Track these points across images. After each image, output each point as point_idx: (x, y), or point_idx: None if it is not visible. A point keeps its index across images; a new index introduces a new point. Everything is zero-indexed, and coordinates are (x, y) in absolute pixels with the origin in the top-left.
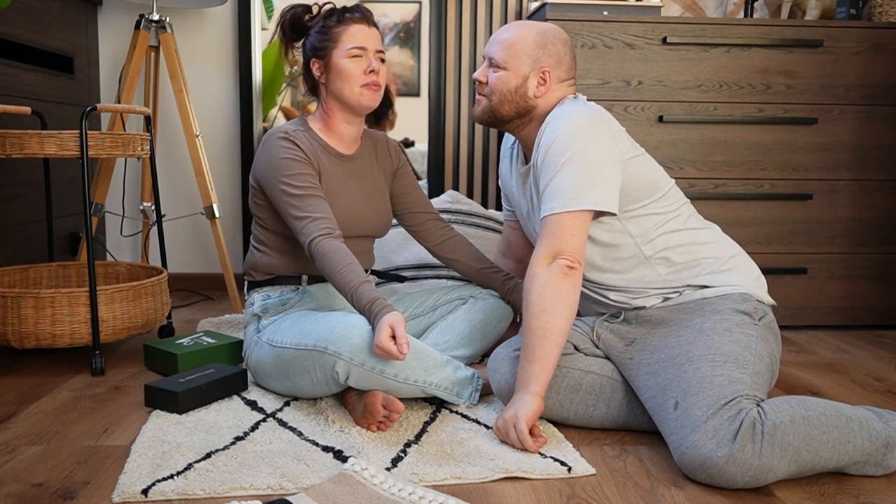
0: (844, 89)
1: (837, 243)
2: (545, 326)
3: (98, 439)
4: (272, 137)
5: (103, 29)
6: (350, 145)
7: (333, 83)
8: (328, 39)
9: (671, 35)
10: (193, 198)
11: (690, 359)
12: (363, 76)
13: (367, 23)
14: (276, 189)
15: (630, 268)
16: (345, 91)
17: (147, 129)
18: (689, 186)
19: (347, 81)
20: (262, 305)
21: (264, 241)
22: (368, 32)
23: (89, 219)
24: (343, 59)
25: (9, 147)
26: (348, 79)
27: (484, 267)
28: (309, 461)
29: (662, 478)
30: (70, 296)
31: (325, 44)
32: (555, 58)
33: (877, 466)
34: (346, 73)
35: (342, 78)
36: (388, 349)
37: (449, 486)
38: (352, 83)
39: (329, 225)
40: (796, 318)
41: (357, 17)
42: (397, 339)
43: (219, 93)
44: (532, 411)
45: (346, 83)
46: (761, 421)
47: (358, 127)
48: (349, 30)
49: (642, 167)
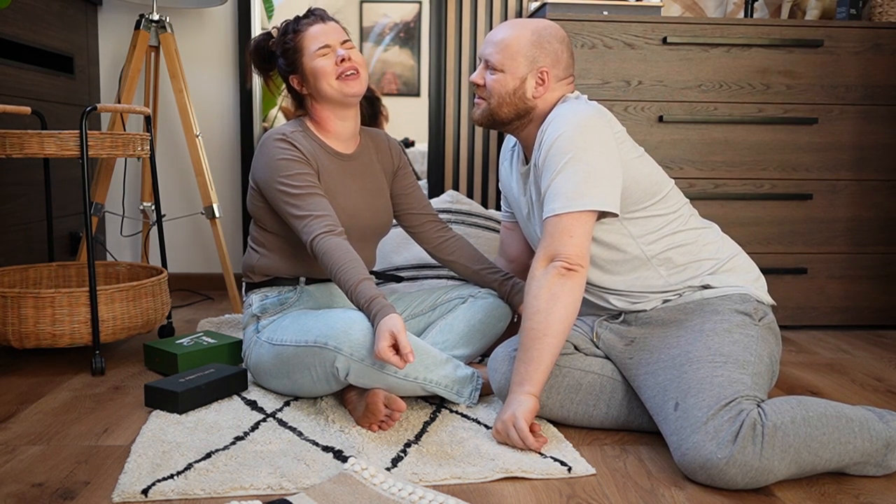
0: (844, 89)
1: (837, 243)
2: (538, 327)
3: (98, 439)
4: (269, 139)
5: (103, 29)
6: (348, 144)
7: (313, 87)
8: (293, 51)
9: (671, 35)
10: (193, 198)
11: (690, 359)
12: (336, 68)
13: (321, 20)
14: (274, 190)
15: (631, 269)
16: (324, 87)
17: (147, 129)
18: (689, 186)
19: (324, 77)
20: (261, 306)
21: (263, 242)
22: (326, 28)
23: (89, 219)
24: (313, 60)
25: (9, 147)
26: (323, 75)
27: (482, 268)
28: (309, 461)
29: (662, 478)
30: (70, 296)
31: (292, 57)
32: (552, 57)
33: (877, 467)
34: (319, 71)
35: (317, 76)
36: (387, 360)
37: (449, 486)
38: (328, 77)
39: (331, 222)
40: (796, 318)
41: (311, 20)
42: (401, 348)
43: (219, 93)
44: (529, 409)
45: (322, 80)
46: (762, 422)
47: (353, 122)
48: (307, 33)
49: (643, 169)
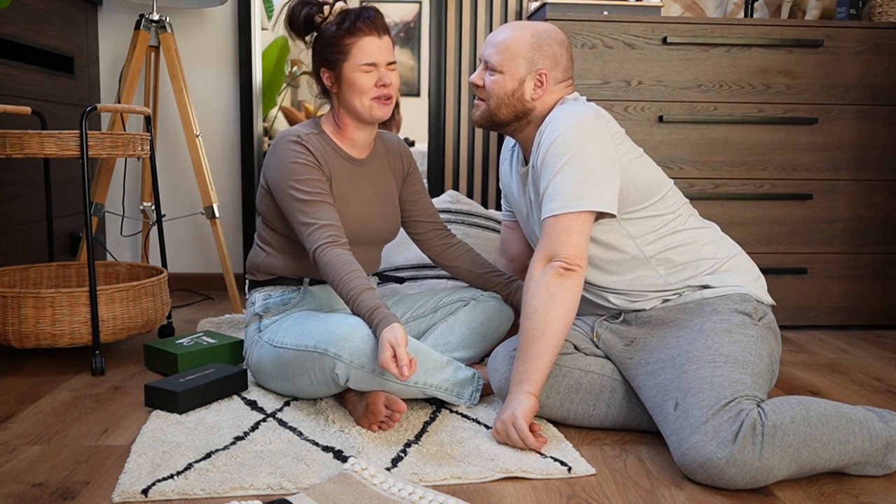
0: (844, 89)
1: (837, 243)
2: (537, 327)
3: (98, 439)
4: (284, 140)
5: (103, 29)
6: (362, 150)
7: (344, 94)
8: (339, 52)
9: (671, 35)
10: (193, 198)
11: (690, 359)
12: (374, 89)
13: (378, 33)
14: (285, 193)
15: (630, 269)
16: (356, 103)
17: (147, 129)
18: (689, 186)
19: (359, 95)
20: (264, 305)
21: (270, 241)
22: (380, 45)
23: (89, 219)
24: (354, 72)
25: (9, 147)
26: (360, 92)
27: (486, 272)
28: (309, 461)
29: (662, 478)
30: (70, 296)
31: (335, 56)
32: (551, 59)
33: (877, 467)
34: (357, 86)
35: (353, 91)
36: (391, 371)
37: (449, 486)
38: (363, 97)
39: (335, 233)
40: (796, 318)
41: (369, 28)
42: (399, 361)
43: (219, 93)
44: (528, 409)
45: (357, 96)
46: (762, 422)
47: (371, 132)
48: (361, 43)
49: (642, 169)
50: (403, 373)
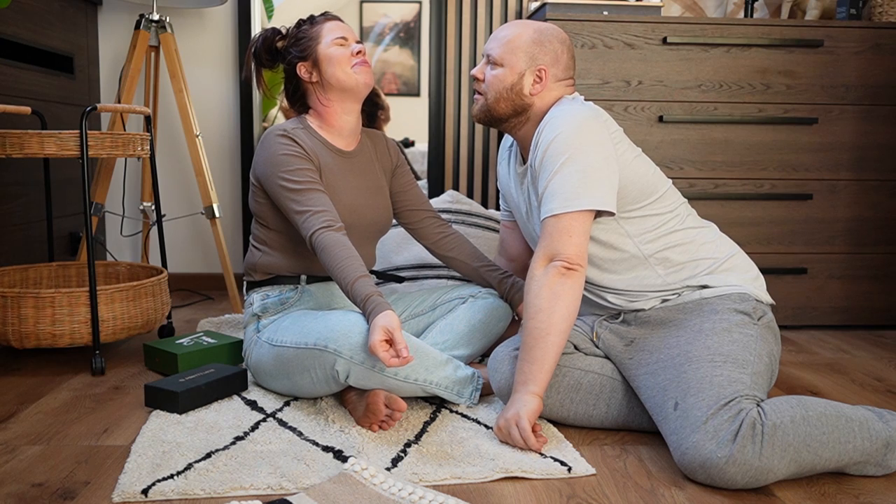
0: (844, 89)
1: (837, 243)
2: (541, 327)
3: (98, 439)
4: (271, 135)
5: (103, 29)
6: (349, 141)
7: (326, 73)
8: (308, 40)
9: (671, 35)
10: (193, 198)
11: (690, 359)
12: (352, 57)
13: (338, 20)
14: (275, 185)
15: (629, 268)
16: (338, 73)
17: (147, 129)
18: (689, 186)
19: (339, 64)
20: (262, 305)
21: (265, 240)
22: (343, 25)
23: (89, 219)
24: (329, 48)
25: (9, 147)
26: (340, 62)
27: (482, 265)
28: (309, 461)
29: (662, 478)
30: (70, 296)
31: (306, 44)
32: (552, 56)
33: (877, 466)
34: (335, 58)
35: (333, 64)
36: (378, 355)
37: (449, 486)
38: (343, 64)
39: (330, 218)
40: (796, 318)
41: (328, 17)
42: (396, 344)
43: (219, 93)
44: (532, 410)
45: (338, 66)
46: (761, 421)
47: (356, 117)
48: (325, 25)
49: (640, 169)
50: (403, 353)
